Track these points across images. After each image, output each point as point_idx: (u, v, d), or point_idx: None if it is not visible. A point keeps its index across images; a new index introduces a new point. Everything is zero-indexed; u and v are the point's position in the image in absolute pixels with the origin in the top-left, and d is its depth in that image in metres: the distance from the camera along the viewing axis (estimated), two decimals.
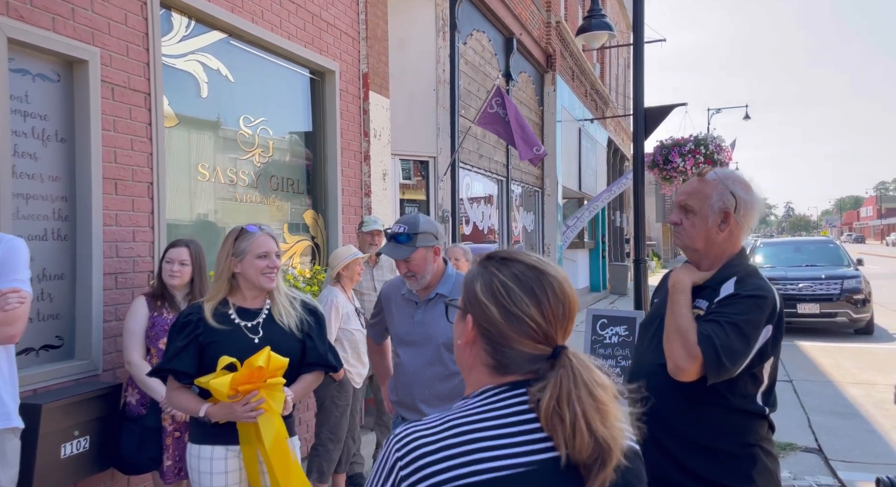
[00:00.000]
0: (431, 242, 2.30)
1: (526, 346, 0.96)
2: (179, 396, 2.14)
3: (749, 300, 1.66)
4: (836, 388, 6.55)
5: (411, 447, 0.91)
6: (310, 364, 2.24)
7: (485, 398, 0.97)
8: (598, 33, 7.61)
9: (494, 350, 0.98)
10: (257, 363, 1.97)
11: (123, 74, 3.11)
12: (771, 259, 11.62)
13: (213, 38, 3.81)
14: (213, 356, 2.06)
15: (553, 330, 0.97)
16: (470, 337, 1.01)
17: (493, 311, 0.97)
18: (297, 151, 4.69)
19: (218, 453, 2.12)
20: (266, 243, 2.15)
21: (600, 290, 16.12)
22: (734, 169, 2.10)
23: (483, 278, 1.00)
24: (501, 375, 0.99)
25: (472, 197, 8.51)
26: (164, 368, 2.11)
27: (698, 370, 1.59)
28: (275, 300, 2.20)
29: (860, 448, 4.72)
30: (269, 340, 2.13)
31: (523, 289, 0.97)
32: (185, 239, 2.94)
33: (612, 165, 18.12)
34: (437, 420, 0.95)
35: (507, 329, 0.96)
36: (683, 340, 1.62)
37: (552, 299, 0.97)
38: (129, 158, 3.14)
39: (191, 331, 2.09)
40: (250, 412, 1.99)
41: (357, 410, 3.85)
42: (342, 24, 4.96)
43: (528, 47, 9.95)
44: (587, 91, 14.37)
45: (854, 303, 9.54)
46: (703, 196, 1.75)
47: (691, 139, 5.93)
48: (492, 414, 0.94)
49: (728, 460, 1.65)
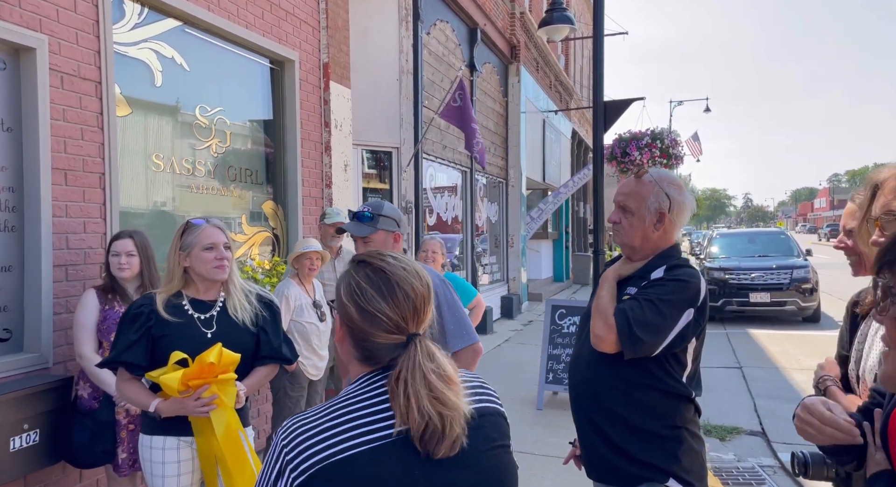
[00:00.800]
0: (393, 227, 2.34)
1: (382, 338, 1.06)
2: (130, 388, 2.12)
3: (672, 283, 1.78)
4: (782, 374, 6.85)
5: (294, 434, 1.01)
6: (264, 357, 2.25)
7: (358, 384, 1.08)
8: (559, 26, 7.70)
9: (358, 344, 1.09)
10: (208, 359, 1.98)
11: (73, 63, 3.05)
12: (726, 250, 12.00)
13: (167, 26, 3.74)
14: (165, 350, 2.05)
15: (404, 321, 1.06)
16: (340, 334, 1.13)
17: (352, 309, 1.08)
18: (256, 141, 4.66)
19: (170, 443, 2.12)
20: (212, 234, 2.14)
21: (563, 280, 16.40)
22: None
23: (345, 281, 1.12)
24: (370, 365, 1.10)
25: (436, 188, 8.55)
26: (116, 360, 2.09)
27: (615, 340, 1.73)
28: (230, 293, 2.21)
29: None
30: (222, 334, 2.13)
31: (374, 288, 1.07)
32: (127, 230, 2.90)
33: (577, 156, 18.35)
34: (320, 408, 1.06)
35: (364, 324, 1.07)
36: (603, 315, 1.77)
37: (400, 295, 1.07)
38: (79, 148, 3.09)
39: (143, 323, 2.08)
40: (202, 407, 2.00)
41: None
42: (302, 13, 4.92)
43: (493, 38, 9.99)
44: (551, 82, 14.50)
45: (802, 292, 9.95)
46: (640, 198, 1.86)
47: (648, 133, 6.10)
48: (362, 396, 1.05)
49: (657, 441, 1.76)
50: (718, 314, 10.45)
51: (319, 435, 1.00)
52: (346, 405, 1.05)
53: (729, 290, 10.29)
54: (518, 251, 11.37)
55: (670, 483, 1.76)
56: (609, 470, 1.82)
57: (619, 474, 1.79)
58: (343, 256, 4.32)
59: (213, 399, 2.01)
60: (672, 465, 1.75)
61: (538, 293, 12.63)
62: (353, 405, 1.04)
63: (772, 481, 4.05)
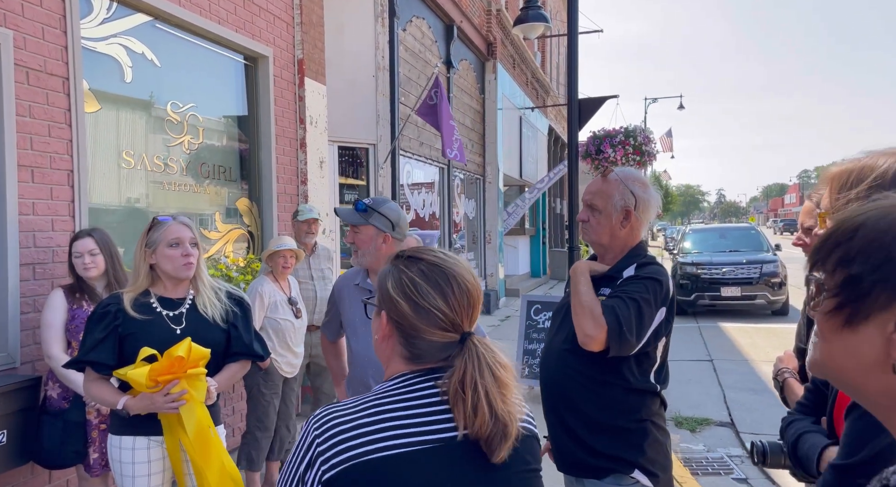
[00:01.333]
0: (385, 227, 2.29)
1: (435, 335, 1.04)
2: (97, 387, 2.10)
3: (647, 281, 1.82)
4: (750, 366, 7.02)
5: (329, 425, 0.98)
6: (235, 354, 2.24)
7: (399, 382, 1.05)
8: (535, 24, 7.75)
9: (408, 342, 1.06)
10: (177, 352, 1.97)
11: (39, 58, 2.99)
12: (698, 245, 12.22)
13: (137, 21, 3.69)
14: (133, 347, 2.04)
15: (459, 319, 1.05)
16: (386, 332, 1.08)
17: (404, 305, 1.05)
18: (230, 137, 4.62)
19: (140, 443, 2.11)
20: (178, 230, 2.12)
21: (540, 275, 16.53)
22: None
23: (393, 276, 1.08)
24: (416, 364, 1.07)
25: (413, 184, 8.56)
26: (83, 359, 2.06)
27: (605, 339, 1.73)
28: (198, 291, 2.19)
29: (768, 421, 5.10)
30: (191, 330, 2.12)
31: (430, 283, 1.05)
32: (86, 229, 2.85)
33: (553, 152, 18.48)
34: (354, 402, 1.03)
35: (417, 321, 1.04)
36: (591, 312, 1.75)
37: (456, 291, 1.05)
38: (46, 145, 3.04)
39: (109, 322, 2.06)
40: (171, 402, 1.99)
41: (292, 398, 3.88)
42: (275, 8, 4.88)
43: (469, 35, 10.01)
44: (528, 79, 14.58)
45: (771, 286, 10.18)
46: (607, 196, 1.90)
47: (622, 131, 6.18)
48: (404, 396, 1.02)
49: (623, 434, 1.80)
50: (691, 307, 10.64)
51: (355, 430, 0.98)
52: (385, 403, 1.02)
53: (701, 284, 10.48)
54: (495, 247, 11.43)
55: (635, 474, 1.81)
56: (576, 464, 1.86)
57: (587, 467, 1.84)
58: (318, 252, 4.31)
59: (182, 395, 1.99)
60: (638, 457, 1.80)
61: (515, 289, 12.71)
62: (392, 404, 1.02)
63: (739, 470, 4.16)
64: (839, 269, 0.65)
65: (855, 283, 0.63)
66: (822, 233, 0.69)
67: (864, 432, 0.96)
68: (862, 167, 1.11)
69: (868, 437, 0.95)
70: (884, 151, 1.12)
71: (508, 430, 0.99)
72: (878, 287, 0.61)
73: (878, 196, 0.67)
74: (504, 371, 1.02)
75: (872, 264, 0.62)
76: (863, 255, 0.63)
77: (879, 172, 1.08)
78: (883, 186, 1.06)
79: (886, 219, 0.63)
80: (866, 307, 0.62)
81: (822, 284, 0.66)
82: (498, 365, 1.02)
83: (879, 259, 0.61)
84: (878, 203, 0.66)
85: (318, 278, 4.20)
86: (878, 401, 0.64)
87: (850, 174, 1.12)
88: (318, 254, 4.32)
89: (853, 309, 0.63)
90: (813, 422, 1.29)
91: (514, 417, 1.00)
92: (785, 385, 1.75)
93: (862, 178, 1.10)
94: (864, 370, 0.63)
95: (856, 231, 0.64)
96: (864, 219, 0.64)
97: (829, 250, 0.66)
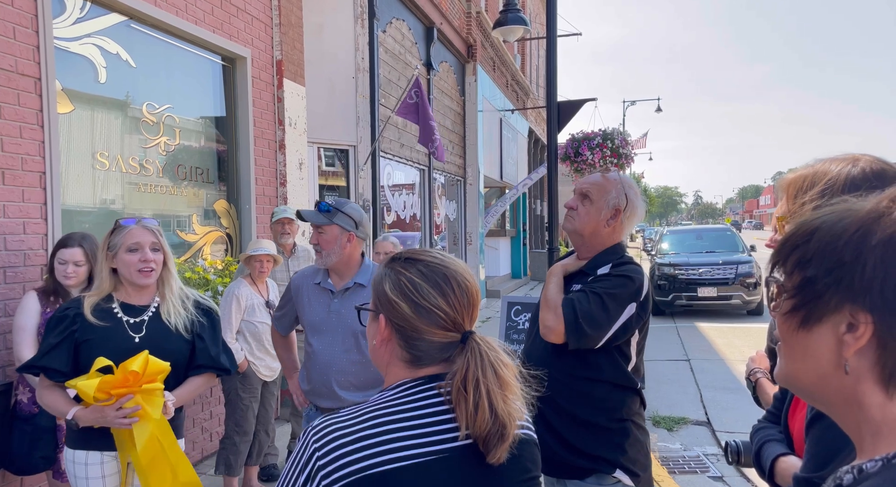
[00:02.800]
0: (349, 227, 2.32)
1: (437, 335, 1.03)
2: (49, 395, 2.01)
3: (617, 278, 1.86)
4: (727, 365, 7.13)
5: (330, 438, 0.95)
6: (199, 366, 2.14)
7: (400, 390, 1.03)
8: (514, 27, 7.79)
9: (408, 344, 1.05)
10: (132, 367, 1.87)
11: (10, 58, 2.94)
12: (675, 246, 12.38)
13: (111, 21, 3.64)
14: (89, 355, 1.95)
15: (461, 317, 1.05)
16: (384, 335, 1.06)
17: (404, 307, 1.04)
18: (207, 138, 4.57)
19: (93, 458, 2.02)
20: (138, 234, 2.02)
21: (521, 276, 16.61)
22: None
23: (391, 279, 1.07)
24: (417, 368, 1.05)
25: (394, 186, 8.55)
26: (35, 365, 1.98)
27: (563, 331, 1.79)
28: (164, 298, 2.10)
29: (744, 420, 5.18)
30: (150, 339, 2.03)
31: (429, 283, 1.04)
32: (77, 236, 2.77)
33: (533, 154, 18.59)
34: (355, 412, 1.00)
35: (418, 322, 1.03)
36: (552, 306, 1.83)
37: (456, 289, 1.05)
38: (17, 147, 2.98)
39: (67, 327, 1.97)
40: (122, 418, 1.89)
41: (270, 402, 3.85)
42: (253, 9, 4.84)
43: (449, 37, 10.03)
44: (508, 82, 14.65)
45: (747, 286, 10.35)
46: (604, 190, 1.94)
47: (600, 134, 6.27)
48: (407, 406, 1.00)
49: (604, 433, 1.83)
50: (668, 308, 10.77)
51: (358, 443, 0.95)
52: (387, 413, 0.99)
53: (678, 285, 10.62)
54: (476, 249, 11.46)
55: (617, 474, 1.84)
56: (559, 464, 1.87)
57: (569, 467, 1.85)
58: (297, 254, 4.29)
59: (135, 411, 1.90)
60: (619, 456, 1.82)
61: (496, 290, 12.76)
62: (394, 414, 0.99)
63: (715, 468, 4.22)
64: (796, 271, 0.66)
65: (810, 285, 0.64)
66: (783, 236, 0.70)
67: (830, 445, 0.97)
68: (815, 173, 1.15)
69: (835, 450, 0.95)
70: (835, 158, 1.16)
71: (506, 431, 0.97)
72: (832, 290, 0.62)
73: (837, 200, 0.69)
74: (506, 370, 1.01)
75: (826, 267, 0.63)
76: (818, 257, 0.64)
77: (831, 176, 1.12)
78: (834, 189, 1.10)
79: (841, 223, 0.64)
80: (819, 309, 0.64)
81: (782, 285, 0.68)
82: (500, 364, 1.01)
83: (832, 262, 0.63)
84: (834, 207, 0.67)
85: None
86: (833, 401, 0.65)
87: (805, 180, 1.15)
88: (298, 255, 4.29)
89: (808, 311, 0.65)
90: (780, 431, 1.32)
91: (513, 418, 0.99)
92: (757, 385, 1.78)
93: (815, 182, 1.13)
94: (820, 372, 0.64)
95: (812, 234, 0.65)
96: (821, 222, 0.66)
97: (787, 252, 0.68)
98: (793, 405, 1.26)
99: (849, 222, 0.63)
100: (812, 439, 1.03)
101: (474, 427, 0.96)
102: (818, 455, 1.01)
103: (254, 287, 3.66)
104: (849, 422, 0.65)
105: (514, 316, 6.32)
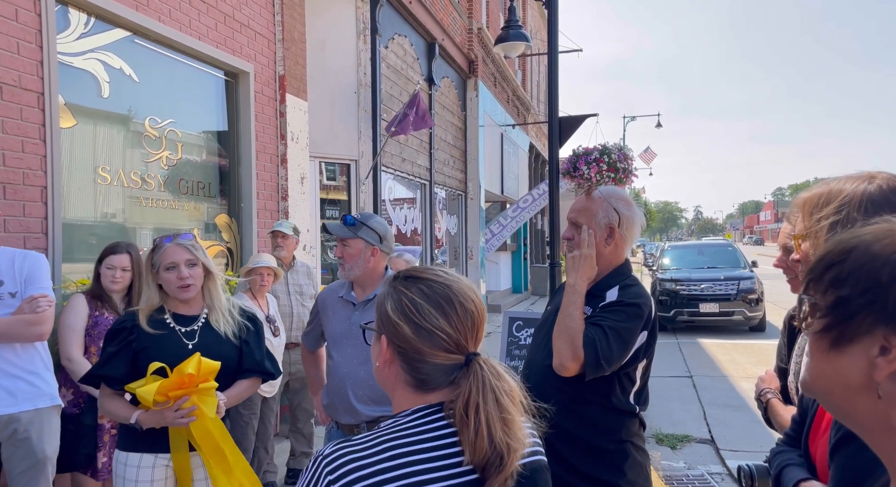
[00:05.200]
0: (374, 241, 2.33)
1: (439, 358, 1.00)
2: (111, 402, 2.12)
3: (629, 308, 1.81)
4: (730, 382, 7.07)
5: (346, 469, 0.91)
6: (246, 371, 2.26)
7: (416, 418, 0.99)
8: (515, 43, 7.84)
9: (411, 367, 1.01)
10: (187, 370, 1.97)
11: (13, 73, 2.94)
12: (677, 261, 12.35)
13: (115, 37, 3.66)
14: (146, 361, 2.06)
15: (464, 339, 1.01)
16: (387, 357, 1.03)
17: (405, 328, 1.00)
18: (209, 153, 4.57)
19: (146, 461, 2.10)
20: (173, 254, 2.14)
21: (522, 291, 16.56)
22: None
23: (393, 298, 1.03)
24: (423, 391, 1.01)
25: (395, 200, 8.55)
26: (96, 374, 2.12)
27: (579, 368, 1.74)
28: (212, 307, 2.23)
29: (748, 438, 5.13)
30: (203, 345, 2.15)
31: (431, 304, 1.01)
32: (123, 244, 2.93)
33: (534, 169, 18.64)
34: (369, 441, 0.96)
35: (419, 344, 0.99)
36: (572, 341, 1.74)
37: (459, 310, 1.01)
38: (19, 161, 2.98)
39: (124, 337, 2.10)
40: (181, 418, 1.99)
41: (270, 419, 3.81)
42: (257, 25, 4.87)
43: (451, 53, 10.10)
44: (509, 97, 14.73)
45: (749, 302, 10.31)
46: (591, 213, 1.91)
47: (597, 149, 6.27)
48: (423, 436, 0.96)
49: (603, 455, 1.80)
50: (670, 324, 10.72)
51: (376, 476, 0.91)
52: (401, 443, 0.96)
53: (680, 301, 10.58)
54: (477, 263, 11.44)
55: None
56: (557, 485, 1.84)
57: None
58: (297, 268, 4.27)
59: (192, 410, 2.00)
60: (618, 479, 1.79)
61: (497, 305, 12.71)
62: (409, 444, 0.96)
63: None
64: (831, 290, 0.65)
65: (843, 304, 0.63)
66: (818, 253, 0.69)
67: (858, 470, 0.94)
68: (830, 191, 1.15)
69: (863, 477, 0.92)
70: (850, 176, 1.16)
71: (504, 462, 0.93)
72: (865, 311, 0.61)
73: (877, 220, 0.68)
74: (508, 398, 0.97)
75: (861, 288, 0.62)
76: (853, 277, 0.63)
77: (847, 193, 1.12)
78: (850, 206, 1.09)
79: (879, 243, 0.63)
80: (852, 330, 0.62)
81: (816, 304, 0.67)
82: (502, 392, 0.97)
83: (868, 283, 0.61)
84: (872, 227, 0.66)
85: (294, 294, 4.16)
86: (864, 424, 0.63)
87: (821, 197, 1.15)
88: (297, 270, 4.28)
89: (840, 331, 0.63)
90: (800, 455, 1.29)
91: (512, 449, 0.94)
92: (769, 407, 1.75)
93: (830, 200, 1.13)
94: (850, 393, 0.63)
95: (849, 253, 0.64)
96: (858, 242, 0.65)
97: (822, 270, 0.67)
98: (813, 428, 1.23)
99: (887, 243, 0.62)
100: (838, 464, 1.00)
101: (474, 454, 0.93)
102: (844, 480, 0.98)
103: (254, 302, 3.64)
104: (882, 447, 0.63)
105: (515, 331, 6.27)
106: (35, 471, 2.43)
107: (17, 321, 2.36)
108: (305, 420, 4.10)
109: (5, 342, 2.37)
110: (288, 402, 4.22)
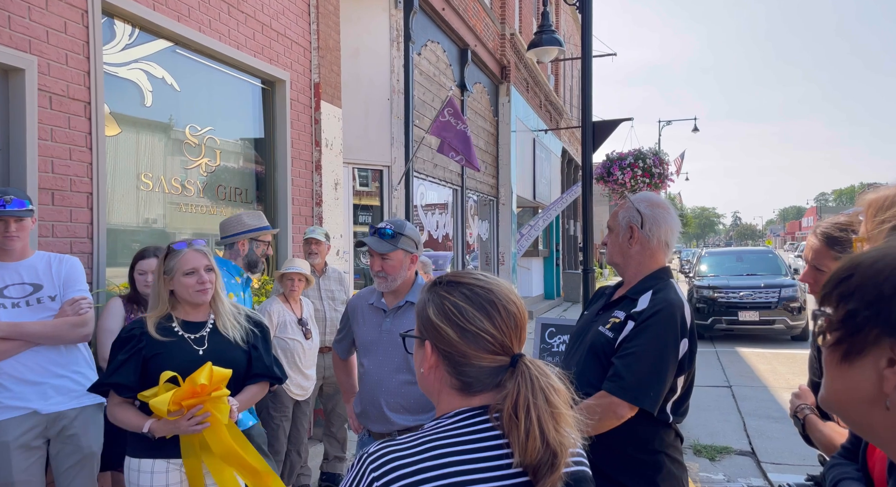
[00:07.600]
0: (412, 249, 2.33)
1: (485, 360, 1.00)
2: (121, 411, 2.11)
3: (661, 324, 1.77)
4: (770, 393, 6.86)
5: (390, 466, 0.92)
6: (255, 375, 2.28)
7: (459, 420, 1.00)
8: (548, 48, 7.80)
9: (456, 370, 1.02)
10: (199, 380, 1.98)
11: (62, 83, 3.06)
12: (715, 268, 12.06)
13: (158, 47, 3.77)
14: (157, 368, 2.07)
15: (508, 340, 1.01)
16: (431, 362, 1.04)
17: (450, 332, 1.01)
18: (246, 159, 4.67)
19: (159, 466, 2.11)
20: (193, 259, 2.16)
21: (554, 297, 16.40)
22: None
23: (434, 303, 1.04)
24: (469, 394, 1.02)
25: (427, 205, 8.58)
26: (105, 382, 2.10)
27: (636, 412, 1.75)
28: (219, 313, 2.24)
29: (790, 451, 4.96)
30: (213, 350, 2.15)
31: (474, 307, 1.02)
32: (151, 249, 3.00)
33: (567, 174, 18.49)
34: (413, 441, 0.97)
35: (465, 347, 1.00)
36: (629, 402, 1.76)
37: (503, 311, 1.02)
38: (67, 168, 3.08)
39: (133, 345, 2.10)
40: (195, 426, 2.00)
41: (302, 422, 3.85)
42: (293, 33, 4.96)
43: (483, 58, 10.11)
44: (541, 102, 14.65)
45: (791, 311, 9.99)
46: (615, 217, 1.98)
47: (632, 154, 6.21)
48: (467, 438, 0.97)
49: (635, 464, 1.76)
50: (708, 331, 10.47)
51: (418, 474, 0.92)
52: (445, 443, 0.96)
53: (718, 308, 10.32)
54: (509, 269, 11.39)
55: None
56: None
57: None
58: (329, 274, 4.31)
59: (206, 417, 2.01)
60: None
61: (529, 311, 12.57)
62: (453, 445, 0.96)
63: None
64: (840, 304, 0.68)
65: (851, 318, 0.66)
66: (832, 270, 0.72)
67: None
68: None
69: None
70: None
71: (557, 461, 0.93)
72: (871, 323, 0.64)
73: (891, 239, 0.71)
74: (557, 396, 0.97)
75: (866, 301, 0.64)
76: (859, 291, 0.66)
77: None
78: None
79: (884, 259, 0.66)
80: (860, 342, 0.65)
81: (830, 318, 0.69)
82: (552, 389, 0.97)
83: (872, 296, 0.64)
84: (881, 245, 0.70)
85: (326, 299, 4.19)
86: (883, 436, 0.65)
87: (886, 199, 1.12)
88: (329, 275, 4.32)
89: (850, 344, 0.66)
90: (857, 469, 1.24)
91: (564, 448, 0.94)
92: (807, 423, 1.68)
93: (894, 202, 1.09)
94: (865, 406, 0.65)
95: (855, 269, 0.67)
96: (864, 258, 0.68)
97: (833, 286, 0.69)
98: (871, 444, 1.18)
99: (891, 258, 0.65)
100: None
101: (525, 455, 0.92)
102: None
103: (286, 305, 3.68)
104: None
105: (548, 338, 6.21)
106: (81, 466, 2.50)
107: (62, 323, 2.44)
108: (339, 425, 4.13)
109: (52, 344, 2.46)
110: (322, 406, 4.26)
